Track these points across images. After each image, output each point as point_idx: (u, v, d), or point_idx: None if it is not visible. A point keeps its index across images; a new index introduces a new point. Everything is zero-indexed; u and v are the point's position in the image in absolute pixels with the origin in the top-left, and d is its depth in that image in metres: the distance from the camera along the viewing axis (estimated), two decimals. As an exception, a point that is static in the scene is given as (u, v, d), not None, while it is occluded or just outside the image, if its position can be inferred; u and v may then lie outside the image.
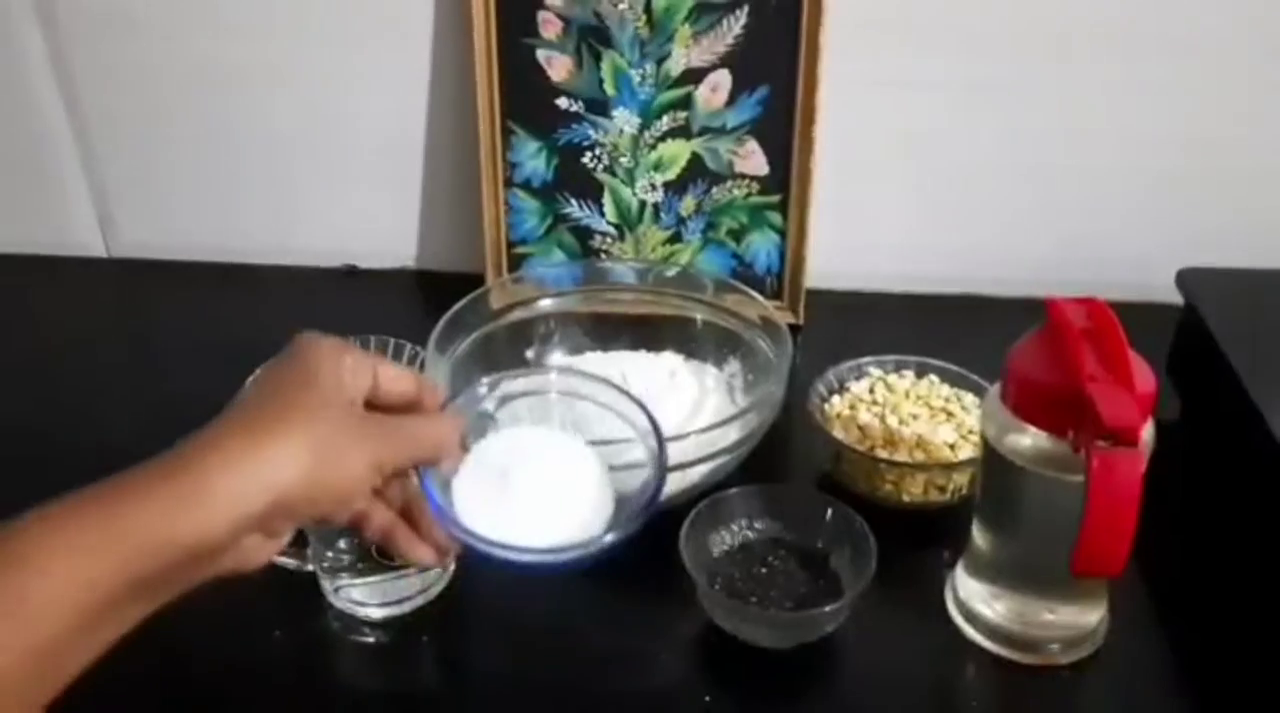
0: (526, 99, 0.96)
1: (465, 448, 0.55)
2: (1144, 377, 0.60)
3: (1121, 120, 0.96)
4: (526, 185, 0.99)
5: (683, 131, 0.96)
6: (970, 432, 0.81)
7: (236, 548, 0.46)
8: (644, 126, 0.96)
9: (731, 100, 0.95)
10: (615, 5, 0.92)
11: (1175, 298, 0.86)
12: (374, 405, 0.52)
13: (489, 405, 0.58)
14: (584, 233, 1.01)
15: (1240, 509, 0.78)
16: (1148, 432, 0.62)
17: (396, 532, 0.53)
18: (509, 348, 0.90)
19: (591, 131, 0.97)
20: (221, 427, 0.46)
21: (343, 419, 0.48)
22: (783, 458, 0.85)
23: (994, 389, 0.66)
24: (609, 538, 0.51)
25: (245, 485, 0.45)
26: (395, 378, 0.52)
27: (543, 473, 0.55)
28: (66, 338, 1.04)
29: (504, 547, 0.51)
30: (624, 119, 0.96)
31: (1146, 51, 0.93)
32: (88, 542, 0.43)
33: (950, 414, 0.83)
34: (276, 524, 0.47)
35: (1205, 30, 0.92)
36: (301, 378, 0.48)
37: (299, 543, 0.73)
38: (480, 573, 0.65)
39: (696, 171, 0.98)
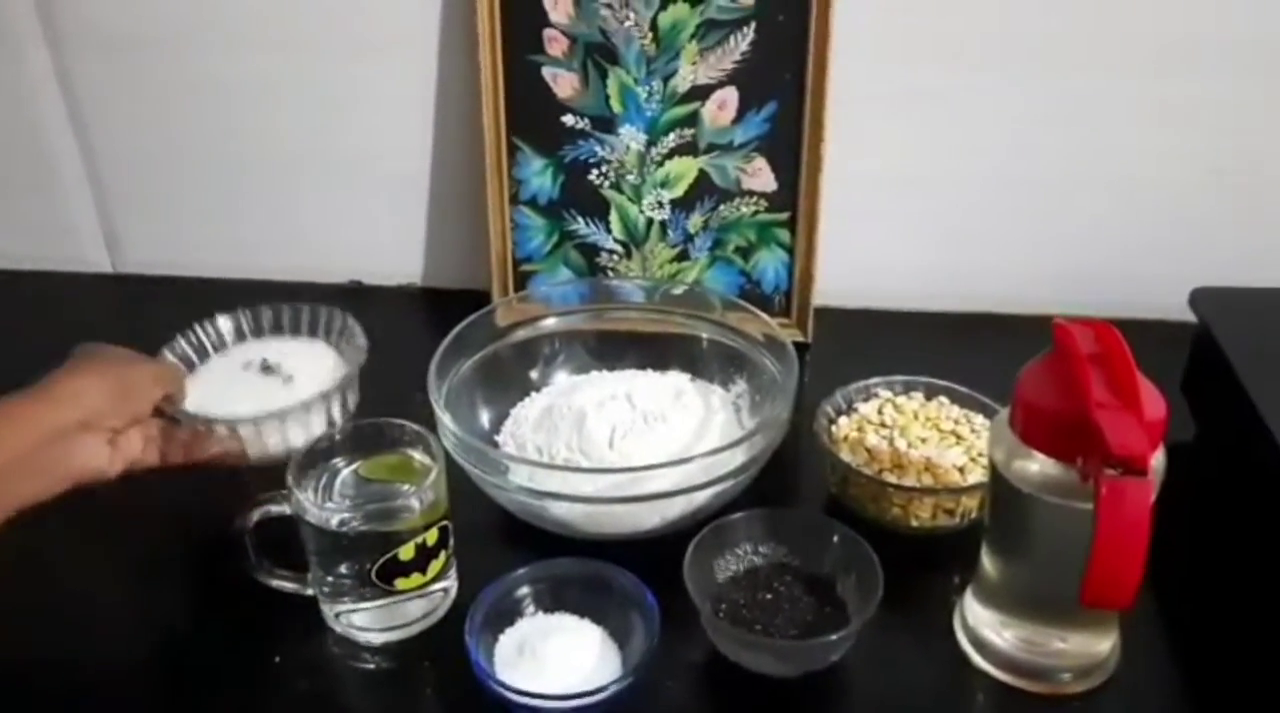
0: (532, 116, 0.96)
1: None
2: (1153, 403, 0.59)
3: (1135, 138, 0.95)
4: (532, 202, 0.99)
5: (690, 148, 0.96)
6: (980, 455, 0.79)
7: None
8: (650, 143, 0.96)
9: (739, 117, 0.94)
10: (621, 22, 0.92)
11: (1189, 317, 0.85)
12: None
13: (522, 590, 0.72)
14: (590, 250, 1.00)
15: (1254, 531, 0.76)
16: (1158, 459, 0.61)
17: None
18: (514, 366, 0.90)
19: (598, 148, 0.96)
20: None
21: None
22: (789, 481, 0.84)
23: (1002, 413, 0.65)
24: (614, 687, 0.66)
25: None
26: None
27: (559, 646, 0.69)
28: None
29: (535, 696, 0.65)
30: (630, 136, 0.96)
31: (1159, 69, 0.92)
32: None
33: (960, 437, 0.81)
34: None
35: (1219, 48, 0.91)
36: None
37: (300, 568, 0.73)
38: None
39: (704, 189, 0.97)
